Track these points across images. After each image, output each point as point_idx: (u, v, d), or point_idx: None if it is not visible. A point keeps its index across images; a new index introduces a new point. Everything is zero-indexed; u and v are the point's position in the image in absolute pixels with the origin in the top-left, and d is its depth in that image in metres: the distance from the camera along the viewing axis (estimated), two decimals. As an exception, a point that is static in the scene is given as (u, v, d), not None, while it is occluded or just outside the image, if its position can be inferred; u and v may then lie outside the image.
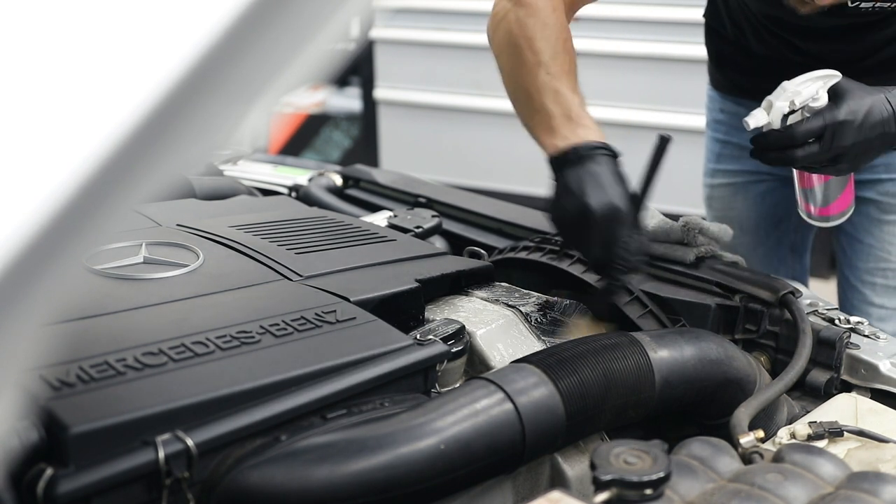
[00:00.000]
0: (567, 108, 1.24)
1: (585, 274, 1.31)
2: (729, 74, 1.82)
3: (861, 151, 1.27)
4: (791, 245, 1.86)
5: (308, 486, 0.80)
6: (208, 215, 1.38)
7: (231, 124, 0.45)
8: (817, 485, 0.81)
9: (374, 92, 4.53)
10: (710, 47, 1.85)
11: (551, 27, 1.31)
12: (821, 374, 1.18)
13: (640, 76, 3.90)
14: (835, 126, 1.23)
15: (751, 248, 1.83)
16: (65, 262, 0.40)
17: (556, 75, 1.27)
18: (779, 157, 1.27)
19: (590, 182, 1.15)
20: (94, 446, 0.75)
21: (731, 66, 1.80)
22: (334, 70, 0.52)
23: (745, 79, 1.75)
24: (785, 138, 1.24)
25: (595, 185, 1.15)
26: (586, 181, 1.15)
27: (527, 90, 1.28)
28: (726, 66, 1.82)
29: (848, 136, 1.24)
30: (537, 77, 1.27)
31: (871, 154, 1.30)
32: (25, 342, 0.41)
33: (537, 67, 1.28)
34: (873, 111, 1.25)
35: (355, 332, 0.98)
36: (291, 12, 0.44)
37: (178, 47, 0.41)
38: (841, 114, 1.23)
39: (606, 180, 1.15)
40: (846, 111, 1.23)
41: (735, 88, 1.81)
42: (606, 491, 0.72)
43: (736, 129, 1.80)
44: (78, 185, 0.39)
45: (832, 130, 1.23)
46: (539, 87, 1.26)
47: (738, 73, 1.78)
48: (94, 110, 0.40)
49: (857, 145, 1.25)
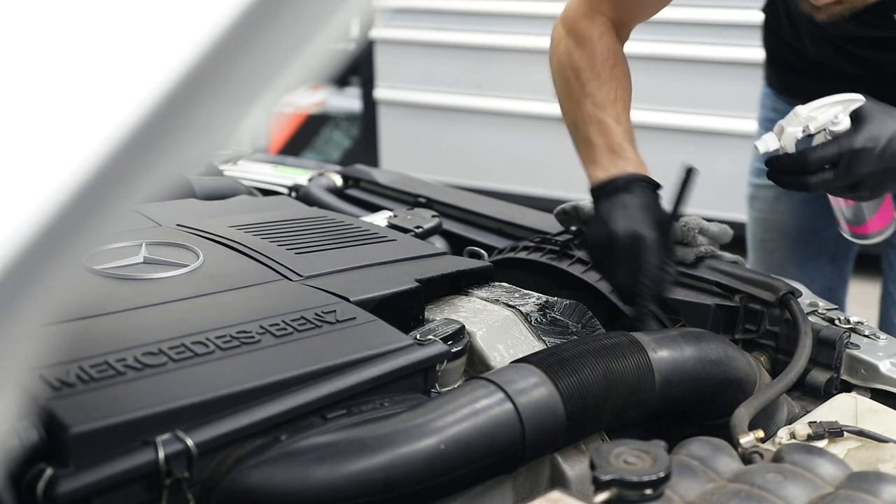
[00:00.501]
0: (610, 140, 1.27)
1: (585, 274, 1.31)
2: (783, 74, 1.78)
3: (882, 180, 1.20)
4: (832, 255, 1.82)
5: (308, 486, 0.80)
6: (208, 215, 1.38)
7: (231, 124, 0.45)
8: (817, 485, 0.81)
9: (374, 92, 4.53)
10: (766, 44, 1.79)
11: (598, 56, 1.35)
12: (821, 374, 1.18)
13: (641, 76, 3.90)
14: (851, 153, 1.17)
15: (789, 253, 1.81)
16: (65, 262, 0.40)
17: (601, 105, 1.30)
18: (792, 182, 1.23)
19: (620, 210, 1.19)
20: (94, 446, 0.75)
21: (785, 67, 1.75)
22: (334, 70, 0.52)
23: (799, 81, 1.71)
24: (798, 163, 1.20)
25: (624, 214, 1.18)
26: (617, 209, 1.19)
27: (574, 121, 1.33)
28: (781, 65, 1.77)
29: (865, 164, 1.17)
30: (583, 108, 1.31)
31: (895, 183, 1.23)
32: (25, 342, 0.41)
33: (584, 98, 1.32)
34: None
35: (355, 332, 0.98)
36: (291, 12, 0.44)
37: (179, 47, 0.41)
38: (859, 140, 1.17)
39: (636, 210, 1.18)
40: (865, 138, 1.17)
41: (789, 89, 1.76)
42: (606, 491, 0.72)
43: None
44: (78, 185, 0.39)
45: (848, 157, 1.17)
46: (585, 118, 1.30)
47: (793, 74, 1.73)
48: (94, 110, 0.40)
49: (877, 174, 1.18)
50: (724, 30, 3.68)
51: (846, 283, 1.90)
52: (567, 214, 1.43)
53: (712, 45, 3.71)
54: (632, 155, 1.26)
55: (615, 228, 1.17)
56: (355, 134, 4.85)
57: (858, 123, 1.19)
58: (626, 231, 1.17)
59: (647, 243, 1.15)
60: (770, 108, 1.83)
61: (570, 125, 1.36)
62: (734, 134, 3.57)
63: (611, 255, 1.19)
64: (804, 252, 1.82)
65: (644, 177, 1.24)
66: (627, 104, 1.35)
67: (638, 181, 1.22)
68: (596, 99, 1.31)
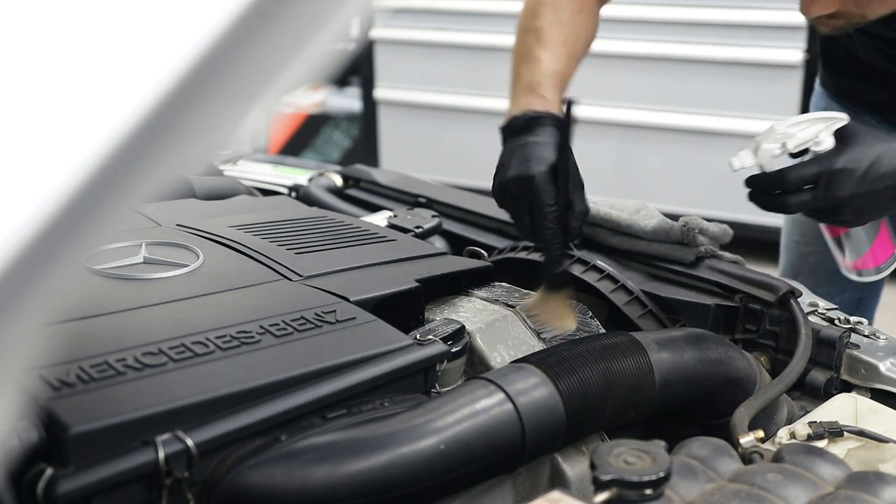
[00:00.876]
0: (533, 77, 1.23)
1: (585, 274, 1.31)
2: (834, 76, 1.72)
3: (865, 204, 1.14)
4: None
5: (308, 486, 0.80)
6: (208, 215, 1.38)
7: (231, 124, 0.45)
8: (817, 485, 0.81)
9: (374, 92, 4.53)
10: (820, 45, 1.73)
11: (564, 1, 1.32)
12: (821, 374, 1.18)
13: (641, 76, 3.90)
14: (830, 174, 1.12)
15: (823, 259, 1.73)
16: (65, 262, 0.40)
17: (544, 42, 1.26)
18: (770, 202, 1.19)
19: (515, 153, 1.16)
20: (94, 446, 0.75)
21: (836, 67, 1.70)
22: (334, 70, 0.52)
23: (851, 84, 1.66)
24: (776, 182, 1.16)
25: (518, 156, 1.15)
26: (513, 152, 1.16)
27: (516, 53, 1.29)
28: (832, 66, 1.71)
29: (845, 186, 1.12)
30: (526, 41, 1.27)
31: (881, 208, 1.17)
32: (25, 342, 0.41)
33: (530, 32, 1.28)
34: (881, 161, 1.13)
35: (355, 332, 0.98)
36: (291, 12, 0.44)
37: (179, 47, 0.41)
38: (839, 161, 1.12)
39: (530, 150, 1.15)
40: (846, 159, 1.12)
41: (839, 92, 1.72)
42: (606, 491, 0.72)
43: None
44: (78, 185, 0.39)
45: (828, 178, 1.13)
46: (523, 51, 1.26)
47: (844, 76, 1.68)
48: (94, 110, 0.40)
49: (858, 197, 1.13)
50: (724, 30, 3.68)
51: (878, 295, 1.84)
52: (567, 214, 1.43)
53: (712, 45, 3.71)
54: (547, 93, 1.21)
55: (506, 173, 1.15)
56: (355, 134, 4.85)
57: (842, 144, 1.14)
58: (516, 174, 1.14)
59: (537, 184, 1.12)
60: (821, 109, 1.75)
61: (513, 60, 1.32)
62: (734, 134, 3.58)
63: (506, 201, 1.17)
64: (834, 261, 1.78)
65: (547, 113, 1.19)
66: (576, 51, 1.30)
67: (539, 120, 1.18)
68: (542, 35, 1.27)
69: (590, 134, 4.05)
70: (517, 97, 1.24)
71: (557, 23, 1.30)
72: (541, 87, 1.22)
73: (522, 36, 1.32)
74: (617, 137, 4.00)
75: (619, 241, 1.36)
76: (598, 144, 4.02)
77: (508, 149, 1.18)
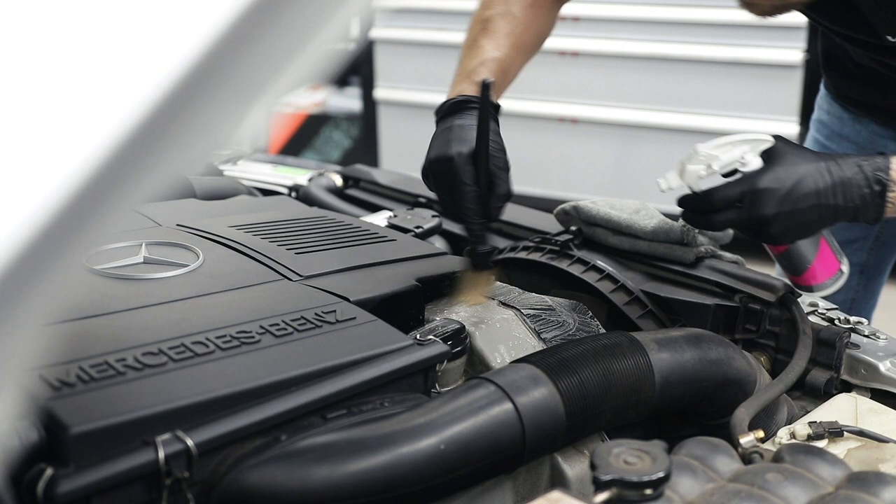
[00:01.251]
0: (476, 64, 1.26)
1: (585, 274, 1.31)
2: (834, 78, 1.73)
3: (791, 223, 1.15)
4: (862, 266, 1.77)
5: (308, 486, 0.80)
6: (208, 215, 1.38)
7: (231, 124, 0.45)
8: (817, 485, 0.81)
9: (374, 92, 4.53)
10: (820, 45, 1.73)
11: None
12: (821, 374, 1.18)
13: (641, 76, 3.90)
14: (754, 193, 1.13)
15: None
16: (65, 262, 0.40)
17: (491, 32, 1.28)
18: (698, 220, 1.21)
19: (440, 136, 1.19)
20: (94, 446, 0.75)
21: (836, 70, 1.70)
22: (334, 70, 0.52)
23: (851, 87, 1.67)
24: (701, 202, 1.18)
25: (442, 139, 1.18)
26: (438, 136, 1.19)
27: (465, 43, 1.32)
28: (832, 68, 1.71)
29: (768, 205, 1.13)
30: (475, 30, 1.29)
31: (808, 226, 1.17)
32: (25, 342, 0.41)
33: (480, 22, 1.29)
34: (805, 180, 1.13)
35: (355, 332, 0.98)
36: (291, 12, 0.44)
37: (179, 47, 0.41)
38: (763, 181, 1.13)
39: (454, 132, 1.17)
40: (769, 179, 1.13)
41: (840, 94, 1.72)
42: (606, 491, 0.72)
43: (838, 135, 1.73)
44: (78, 185, 0.39)
45: (751, 198, 1.14)
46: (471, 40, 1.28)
47: (844, 79, 1.68)
48: (94, 110, 0.40)
49: (783, 215, 1.14)
50: (724, 30, 3.68)
51: (875, 295, 1.84)
52: (567, 214, 1.43)
53: (712, 45, 3.71)
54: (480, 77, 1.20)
55: (430, 154, 1.18)
56: (355, 134, 4.85)
57: (768, 163, 1.16)
58: (438, 154, 1.17)
59: (456, 164, 1.14)
60: (824, 111, 1.79)
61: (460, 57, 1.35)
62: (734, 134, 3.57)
63: (430, 181, 1.20)
64: None
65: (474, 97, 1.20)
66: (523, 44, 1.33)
67: (465, 103, 1.21)
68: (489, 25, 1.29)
69: (590, 134, 4.05)
70: (455, 83, 1.27)
71: (507, 14, 1.32)
72: (476, 74, 1.25)
73: (472, 26, 1.35)
74: (617, 137, 4.00)
75: (619, 241, 1.36)
76: (598, 144, 4.02)
77: (436, 132, 1.22)
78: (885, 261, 1.82)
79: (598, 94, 3.99)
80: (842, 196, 1.14)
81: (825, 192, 1.14)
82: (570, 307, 1.22)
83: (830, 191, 1.14)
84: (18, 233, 0.38)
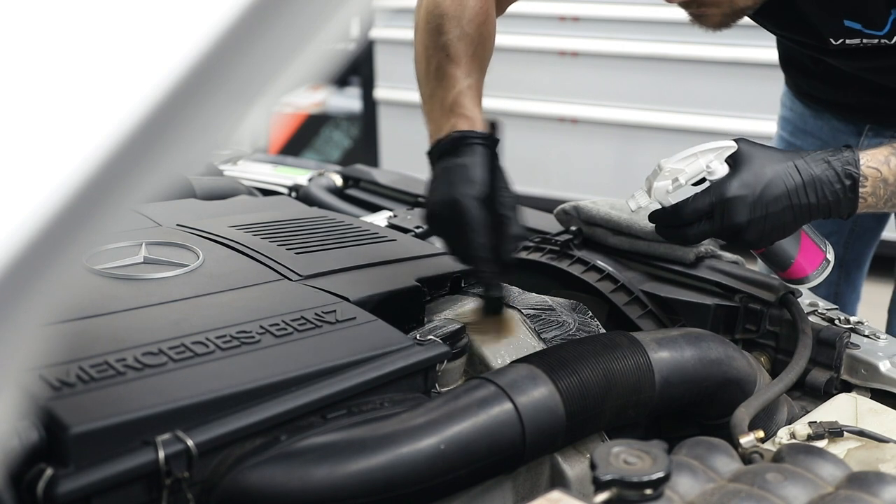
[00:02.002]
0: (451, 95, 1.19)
1: (585, 274, 1.32)
2: (793, 76, 1.73)
3: (766, 227, 1.13)
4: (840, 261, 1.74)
5: (308, 486, 0.80)
6: (208, 215, 1.38)
7: (231, 124, 0.45)
8: (817, 485, 0.81)
9: (374, 92, 4.53)
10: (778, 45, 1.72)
11: (467, 7, 1.26)
12: (821, 374, 1.18)
13: (641, 76, 3.90)
14: (723, 203, 1.11)
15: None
16: (65, 262, 0.40)
17: (455, 58, 1.22)
18: (672, 234, 1.19)
19: (443, 176, 1.11)
20: (94, 446, 0.75)
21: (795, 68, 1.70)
22: (334, 70, 0.52)
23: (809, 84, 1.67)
24: (673, 217, 1.16)
25: (445, 180, 1.10)
26: (441, 176, 1.12)
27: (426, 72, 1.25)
28: (791, 67, 1.72)
29: (740, 213, 1.11)
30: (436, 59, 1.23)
31: (785, 227, 1.16)
32: (25, 342, 0.41)
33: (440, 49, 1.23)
34: (774, 183, 1.12)
35: (355, 332, 0.98)
36: (292, 12, 0.44)
37: (179, 47, 0.41)
38: (731, 189, 1.11)
39: (459, 174, 1.09)
40: (737, 186, 1.11)
41: (800, 91, 1.73)
42: (606, 491, 0.72)
43: (801, 131, 1.74)
44: (78, 185, 0.39)
45: (721, 207, 1.12)
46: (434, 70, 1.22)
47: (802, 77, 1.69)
48: (94, 110, 0.40)
49: (756, 221, 1.12)
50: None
51: (856, 289, 1.84)
52: (567, 214, 1.43)
53: (712, 45, 3.71)
54: (469, 111, 1.17)
55: (435, 198, 1.10)
56: (355, 134, 4.85)
57: (734, 170, 1.14)
58: (444, 199, 1.08)
59: (464, 207, 1.06)
60: (788, 108, 1.80)
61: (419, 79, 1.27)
62: (734, 134, 3.57)
63: (436, 226, 1.13)
64: None
65: (475, 134, 1.14)
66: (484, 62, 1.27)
67: (465, 140, 1.13)
68: (451, 51, 1.23)
69: (590, 134, 4.05)
70: (439, 119, 1.19)
71: (464, 36, 1.25)
72: (461, 107, 1.18)
73: (430, 53, 1.26)
74: (617, 137, 4.00)
75: (619, 241, 1.36)
76: (598, 144, 4.02)
77: (436, 172, 1.14)
78: (864, 253, 1.83)
79: (597, 94, 3.99)
80: (813, 194, 1.13)
81: (795, 192, 1.13)
82: (570, 307, 1.22)
83: (802, 190, 1.13)
84: (18, 233, 0.38)
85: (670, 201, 1.16)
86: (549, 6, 3.99)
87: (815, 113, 1.71)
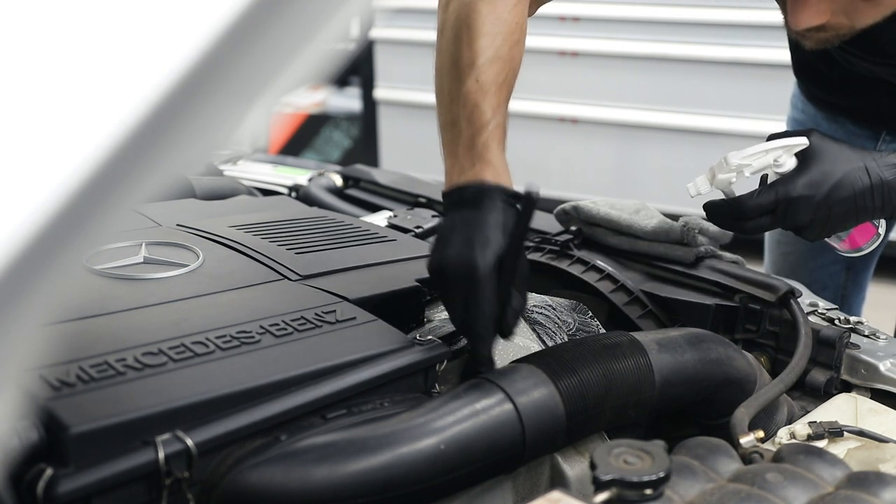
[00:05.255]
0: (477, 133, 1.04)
1: (585, 274, 1.32)
2: (807, 83, 1.71)
3: (827, 226, 1.13)
4: (848, 264, 1.76)
5: (308, 486, 0.80)
6: (208, 215, 1.38)
7: (231, 124, 0.45)
8: (817, 485, 0.81)
9: (374, 92, 4.54)
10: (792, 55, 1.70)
11: (504, 23, 1.11)
12: (821, 374, 1.18)
13: (641, 76, 3.90)
14: (788, 202, 1.10)
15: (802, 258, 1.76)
16: (65, 262, 0.40)
17: (485, 87, 1.07)
18: (729, 225, 1.18)
19: (459, 230, 0.98)
20: (94, 446, 0.75)
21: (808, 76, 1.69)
22: (334, 70, 0.52)
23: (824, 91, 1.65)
24: (734, 210, 1.14)
25: (462, 236, 0.98)
26: (456, 228, 0.99)
27: (449, 95, 1.10)
28: (805, 75, 1.70)
29: (804, 213, 1.10)
30: (464, 83, 1.07)
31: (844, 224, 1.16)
32: (25, 342, 0.41)
33: (469, 71, 1.08)
34: (843, 184, 1.11)
35: (355, 332, 0.98)
36: (292, 12, 0.44)
37: (179, 47, 0.41)
38: (797, 188, 1.10)
39: (477, 231, 0.97)
40: (804, 184, 1.10)
41: (812, 97, 1.71)
42: (606, 491, 0.72)
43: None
44: (78, 185, 0.39)
45: (784, 206, 1.11)
46: (461, 96, 1.07)
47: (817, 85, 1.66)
48: (94, 110, 0.40)
49: (819, 220, 1.12)
50: (724, 30, 3.68)
51: (863, 290, 1.84)
52: (567, 214, 1.43)
53: (712, 45, 3.71)
54: (494, 157, 1.03)
55: (448, 253, 0.97)
56: (355, 134, 4.85)
57: (804, 165, 1.12)
58: (459, 258, 0.96)
59: (480, 274, 0.94)
60: (799, 110, 1.78)
61: (441, 97, 1.11)
62: (734, 134, 3.58)
63: (443, 284, 0.99)
64: (818, 259, 1.76)
65: (499, 188, 1.00)
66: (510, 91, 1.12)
67: (490, 193, 0.99)
68: (482, 77, 1.07)
69: (590, 134, 4.05)
70: (462, 158, 1.04)
71: (497, 60, 1.09)
72: (488, 150, 1.03)
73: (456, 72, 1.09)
74: (617, 137, 4.00)
75: (619, 241, 1.36)
76: (598, 144, 4.02)
77: (452, 221, 1.00)
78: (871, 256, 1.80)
79: (598, 94, 3.99)
80: (880, 198, 1.13)
81: (862, 195, 1.12)
82: (570, 307, 1.22)
83: (869, 193, 1.12)
84: (18, 233, 0.38)
85: (733, 192, 1.15)
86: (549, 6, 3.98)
87: (830, 116, 1.68)
